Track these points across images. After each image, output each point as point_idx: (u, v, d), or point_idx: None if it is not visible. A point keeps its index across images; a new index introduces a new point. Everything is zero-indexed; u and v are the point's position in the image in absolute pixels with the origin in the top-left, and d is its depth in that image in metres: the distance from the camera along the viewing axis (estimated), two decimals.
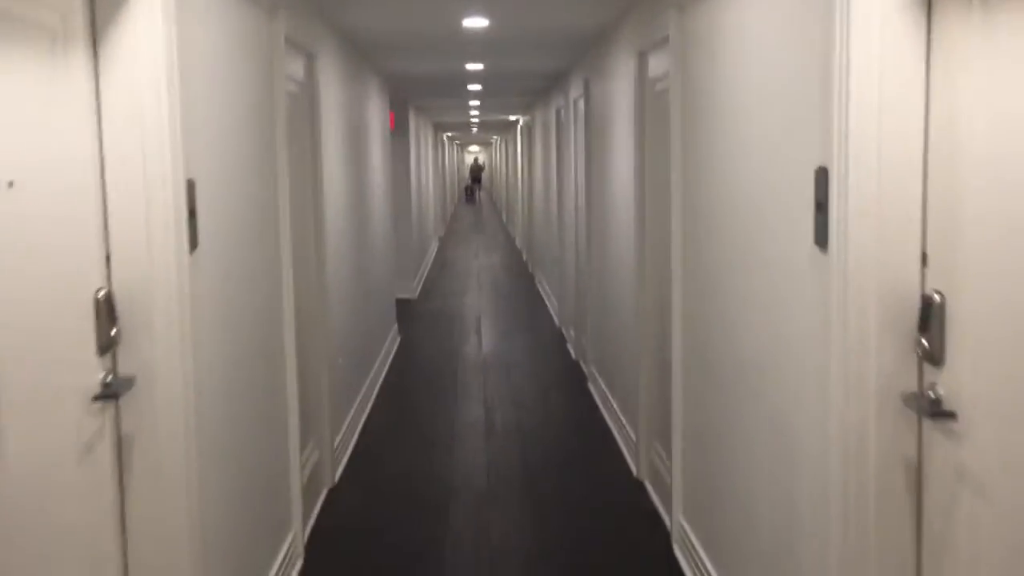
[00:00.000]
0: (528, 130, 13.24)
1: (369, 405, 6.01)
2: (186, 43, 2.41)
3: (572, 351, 7.56)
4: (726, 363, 3.01)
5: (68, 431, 2.07)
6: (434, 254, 15.80)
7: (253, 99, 3.17)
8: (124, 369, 2.25)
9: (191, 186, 2.42)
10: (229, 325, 2.82)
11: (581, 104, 6.75)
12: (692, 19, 3.36)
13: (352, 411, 5.34)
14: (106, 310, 2.19)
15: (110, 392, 2.19)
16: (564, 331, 8.38)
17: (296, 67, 4.03)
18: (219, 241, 2.72)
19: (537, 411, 5.95)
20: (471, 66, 7.26)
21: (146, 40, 2.20)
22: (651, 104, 4.27)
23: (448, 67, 7.36)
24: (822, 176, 2.09)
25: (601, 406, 5.90)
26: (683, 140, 3.54)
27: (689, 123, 3.44)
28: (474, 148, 44.71)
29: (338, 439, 4.78)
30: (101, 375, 2.19)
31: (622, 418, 5.16)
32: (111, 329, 2.20)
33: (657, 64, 4.10)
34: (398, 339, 8.22)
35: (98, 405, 2.18)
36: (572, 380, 6.75)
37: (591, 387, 6.39)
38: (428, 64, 7.13)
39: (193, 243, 2.43)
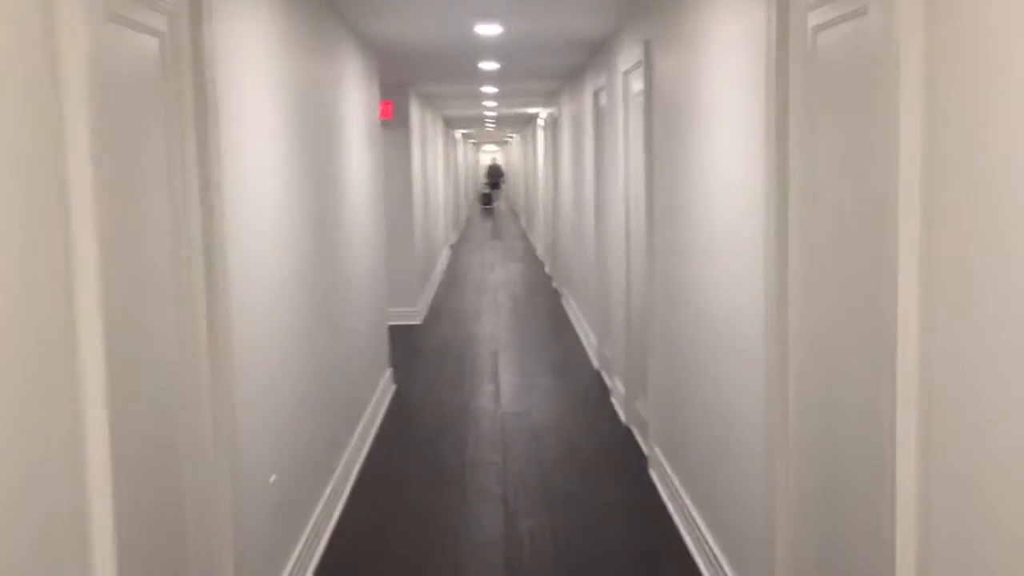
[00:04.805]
0: (553, 123, 11.32)
1: (335, 515, 4.15)
2: None
3: (622, 414, 5.65)
4: None
5: None
6: (445, 266, 13.92)
7: None
8: None
9: None
10: None
11: (636, 79, 4.87)
12: None
13: (306, 534, 3.48)
14: None
15: None
16: (606, 378, 6.48)
17: None
18: None
19: (582, 519, 4.06)
20: (483, 28, 5.38)
21: None
22: (807, 63, 2.39)
23: (454, 32, 5.49)
24: None
25: (675, 515, 4.02)
26: (926, 126, 1.66)
27: (938, 97, 1.57)
28: (490, 147, 42.66)
29: None
30: None
31: (719, 558, 3.29)
32: None
33: None
34: (392, 390, 6.35)
35: None
36: (626, 460, 4.86)
37: (654, 476, 4.51)
38: (426, 24, 5.25)
39: None
